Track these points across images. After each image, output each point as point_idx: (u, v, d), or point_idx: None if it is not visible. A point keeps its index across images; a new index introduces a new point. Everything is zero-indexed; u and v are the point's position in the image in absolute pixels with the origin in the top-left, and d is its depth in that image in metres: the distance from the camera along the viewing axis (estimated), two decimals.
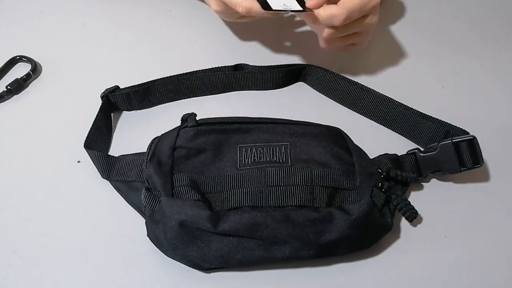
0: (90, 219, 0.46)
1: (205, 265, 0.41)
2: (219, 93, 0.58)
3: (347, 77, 0.57)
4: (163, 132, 0.47)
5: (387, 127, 0.54)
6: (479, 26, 0.67)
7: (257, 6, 0.49)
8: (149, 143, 0.46)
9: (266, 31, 0.65)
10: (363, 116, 0.56)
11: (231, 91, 0.58)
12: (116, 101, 0.54)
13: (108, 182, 0.48)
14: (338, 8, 0.48)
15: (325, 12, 0.48)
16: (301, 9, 0.49)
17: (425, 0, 0.71)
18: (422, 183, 0.49)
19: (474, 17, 0.68)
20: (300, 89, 0.59)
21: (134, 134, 0.53)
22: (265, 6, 0.49)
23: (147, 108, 0.56)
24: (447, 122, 0.51)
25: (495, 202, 0.48)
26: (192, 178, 0.43)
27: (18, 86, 0.56)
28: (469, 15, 0.69)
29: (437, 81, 0.59)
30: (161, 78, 0.56)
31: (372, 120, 0.55)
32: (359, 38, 0.55)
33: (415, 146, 0.51)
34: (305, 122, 0.48)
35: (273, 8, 0.48)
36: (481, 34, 0.66)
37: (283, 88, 0.59)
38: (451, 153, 0.46)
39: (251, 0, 0.49)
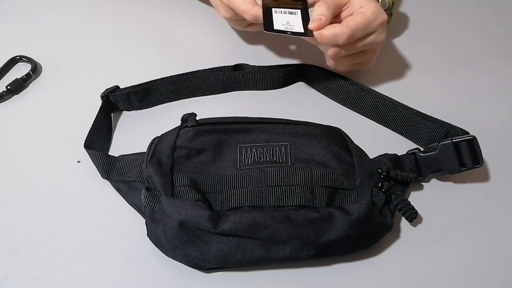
0: (90, 219, 0.46)
1: (205, 265, 0.41)
2: (219, 93, 0.58)
3: (347, 77, 0.57)
4: (163, 132, 0.47)
5: (387, 127, 0.54)
6: (479, 27, 0.67)
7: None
8: (149, 143, 0.46)
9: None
10: (363, 116, 0.56)
11: (231, 91, 0.58)
12: (116, 101, 0.54)
13: (108, 182, 0.48)
14: (341, 27, 0.48)
15: (328, 32, 0.48)
16: (302, 31, 0.48)
17: (426, 2, 0.71)
18: (422, 183, 0.49)
19: (474, 18, 0.68)
20: (300, 89, 0.59)
21: (134, 134, 0.53)
22: (268, 23, 0.49)
23: (147, 108, 0.56)
24: (447, 122, 0.51)
25: (495, 202, 0.48)
26: (192, 178, 0.43)
27: (18, 86, 0.56)
28: (470, 17, 0.69)
29: (437, 81, 0.59)
30: (161, 78, 0.56)
31: (372, 120, 0.55)
32: (365, 57, 0.54)
33: (415, 146, 0.51)
34: (305, 122, 0.48)
35: (275, 27, 0.48)
36: (480, 35, 0.66)
37: (283, 88, 0.59)
38: (451, 153, 0.46)
39: (259, 8, 0.50)
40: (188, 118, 0.47)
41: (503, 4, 0.71)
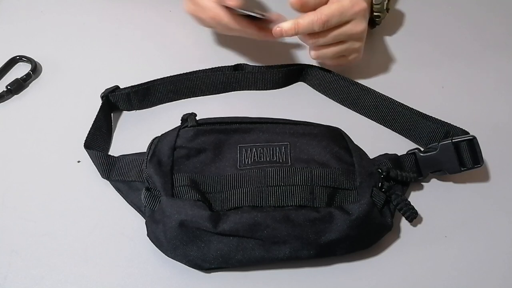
0: (90, 219, 0.46)
1: (205, 265, 0.41)
2: (219, 93, 0.58)
3: (347, 77, 0.57)
4: (163, 132, 0.47)
5: (387, 127, 0.54)
6: (479, 26, 0.67)
7: (226, 17, 0.50)
8: (149, 143, 0.46)
9: None
10: (363, 116, 0.56)
11: (231, 91, 0.58)
12: (116, 101, 0.54)
13: (108, 182, 0.48)
14: (315, 13, 0.49)
15: (304, 20, 0.49)
16: (263, 17, 0.50)
17: (425, 1, 0.71)
18: (422, 183, 0.49)
19: (473, 17, 0.68)
20: (300, 89, 0.59)
21: (134, 134, 0.53)
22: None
23: (147, 108, 0.56)
24: (447, 122, 0.51)
25: (495, 202, 0.48)
26: (192, 178, 0.43)
27: (18, 86, 0.57)
28: (469, 16, 0.69)
29: (437, 81, 0.59)
30: (161, 78, 0.56)
31: (372, 120, 0.55)
32: (348, 47, 0.53)
33: (415, 146, 0.51)
34: (305, 122, 0.48)
35: (238, 11, 0.50)
36: (480, 34, 0.66)
37: (283, 88, 0.59)
38: (451, 153, 0.46)
39: (223, 8, 0.50)
40: (188, 118, 0.47)
41: (503, 4, 0.71)
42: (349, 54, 0.55)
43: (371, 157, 0.47)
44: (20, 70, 0.59)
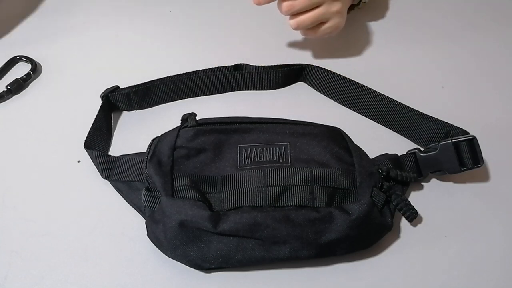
0: (90, 219, 0.46)
1: (205, 265, 0.41)
2: (219, 93, 0.58)
3: (347, 77, 0.57)
4: (163, 132, 0.47)
5: (387, 127, 0.54)
6: (480, 26, 0.67)
7: None
8: (149, 143, 0.46)
9: (266, 31, 0.65)
10: (363, 116, 0.56)
11: (231, 91, 0.58)
12: (116, 101, 0.54)
13: (108, 182, 0.48)
14: None
15: None
16: None
17: (426, 2, 0.71)
18: (422, 183, 0.49)
19: (474, 17, 0.68)
20: (300, 89, 0.59)
21: (134, 134, 0.53)
22: None
23: (147, 108, 0.56)
24: (447, 122, 0.51)
25: (495, 202, 0.48)
26: (192, 178, 0.43)
27: (18, 86, 0.57)
28: (469, 15, 0.69)
29: (437, 81, 0.59)
30: (161, 78, 0.56)
31: (372, 120, 0.55)
32: (325, 12, 0.54)
33: (415, 146, 0.51)
34: (305, 122, 0.48)
35: None
36: (481, 34, 0.66)
37: (283, 88, 0.59)
38: (451, 153, 0.46)
39: None
40: (188, 118, 0.47)
41: (504, 4, 0.71)
42: (329, 19, 0.55)
43: (371, 157, 0.47)
44: (20, 70, 0.59)
